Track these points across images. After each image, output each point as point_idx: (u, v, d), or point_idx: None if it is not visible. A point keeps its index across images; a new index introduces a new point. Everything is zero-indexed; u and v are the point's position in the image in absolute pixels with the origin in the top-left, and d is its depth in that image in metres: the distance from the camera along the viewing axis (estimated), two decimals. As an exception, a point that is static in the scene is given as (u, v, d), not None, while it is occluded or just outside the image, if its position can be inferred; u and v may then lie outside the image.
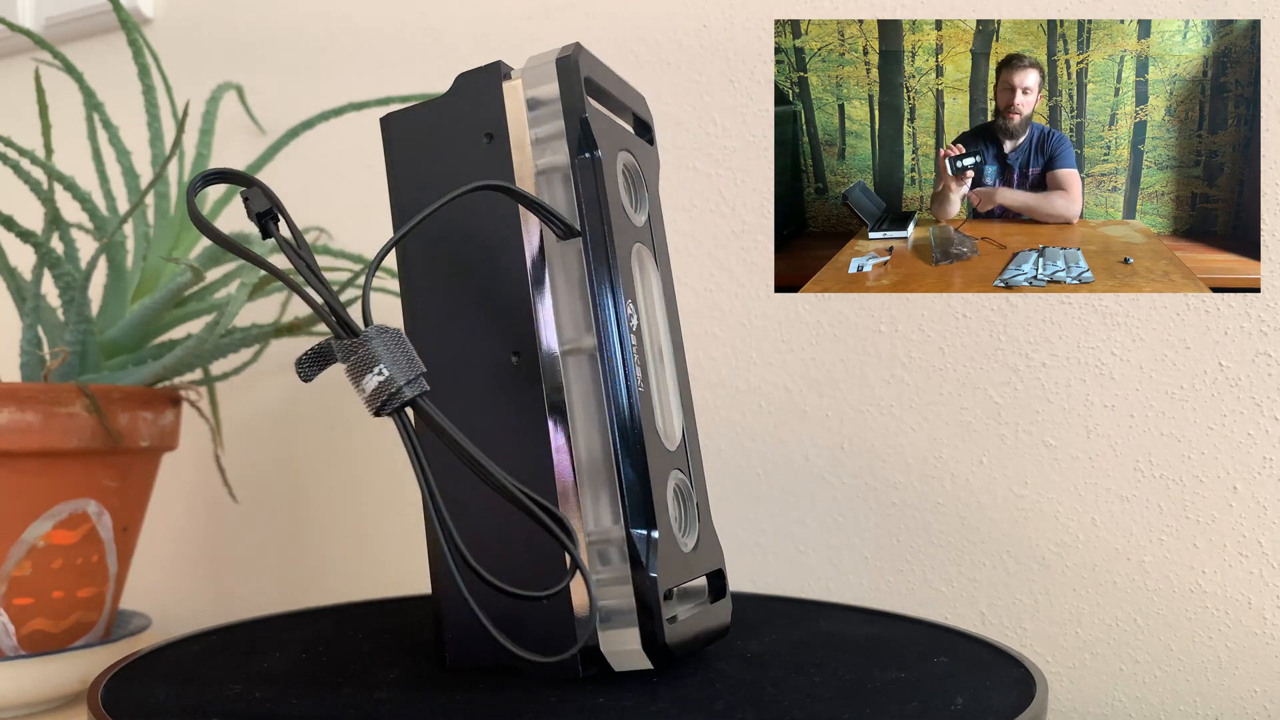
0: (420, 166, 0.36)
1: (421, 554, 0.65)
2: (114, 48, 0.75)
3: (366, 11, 0.68)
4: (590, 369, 0.34)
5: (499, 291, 0.35)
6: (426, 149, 0.36)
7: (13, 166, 0.52)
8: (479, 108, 0.36)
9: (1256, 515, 0.46)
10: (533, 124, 0.35)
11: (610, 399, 0.34)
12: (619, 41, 0.59)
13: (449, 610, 0.36)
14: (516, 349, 0.35)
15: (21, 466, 0.48)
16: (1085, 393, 0.49)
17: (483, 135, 0.36)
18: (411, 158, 0.37)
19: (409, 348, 0.31)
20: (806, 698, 0.32)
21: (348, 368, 0.31)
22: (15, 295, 0.55)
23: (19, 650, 0.50)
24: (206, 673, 0.35)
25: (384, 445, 0.67)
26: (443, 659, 0.36)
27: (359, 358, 0.31)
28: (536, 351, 0.35)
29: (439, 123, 0.36)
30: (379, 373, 0.31)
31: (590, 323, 0.34)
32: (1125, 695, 0.48)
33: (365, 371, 0.31)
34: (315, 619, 0.44)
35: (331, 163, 0.68)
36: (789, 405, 0.55)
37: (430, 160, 0.36)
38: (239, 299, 0.48)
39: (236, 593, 0.72)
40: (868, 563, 0.53)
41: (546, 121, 0.35)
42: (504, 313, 0.35)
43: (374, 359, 0.30)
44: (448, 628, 0.36)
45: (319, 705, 0.32)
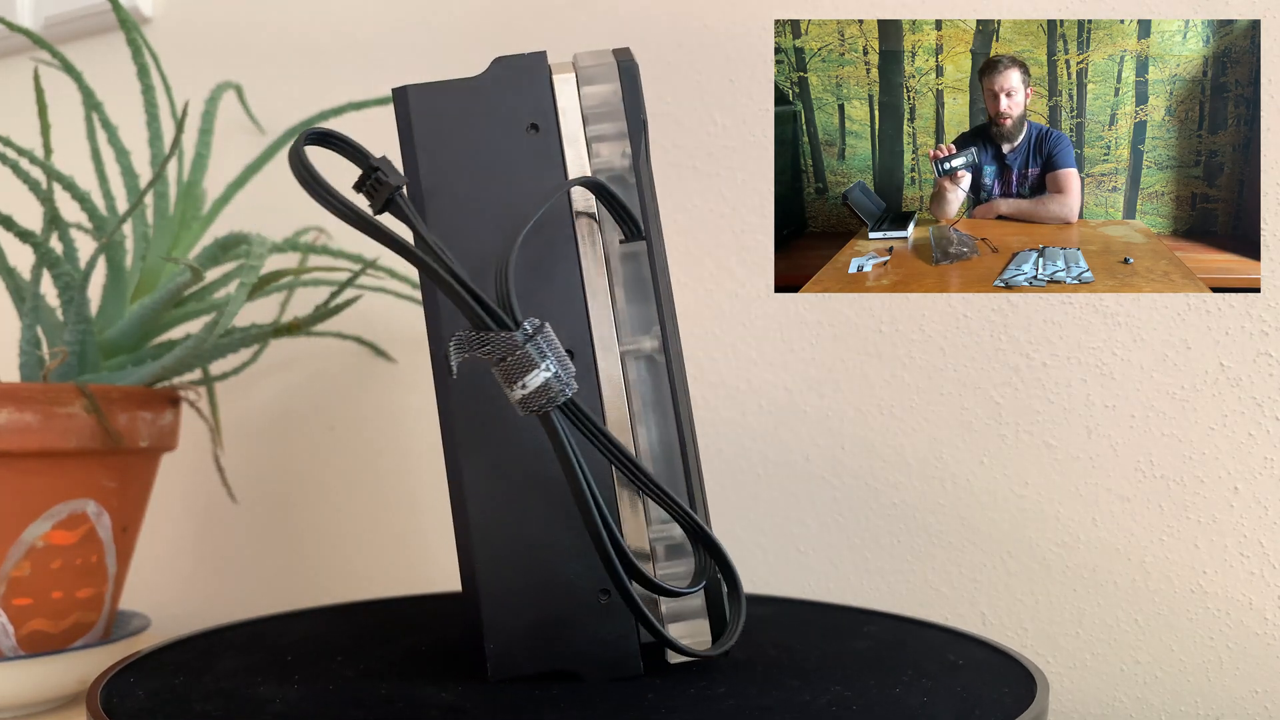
0: (451, 148, 0.35)
1: (422, 554, 0.65)
2: (113, 47, 0.75)
3: (366, 11, 0.67)
4: (650, 370, 0.34)
5: (553, 290, 0.34)
6: (458, 130, 0.35)
7: (12, 166, 0.52)
8: (522, 96, 0.35)
9: (1258, 515, 0.46)
10: (589, 120, 0.35)
11: (675, 400, 0.34)
12: (619, 41, 0.59)
13: (494, 616, 0.33)
14: (570, 348, 0.34)
15: (20, 467, 0.48)
16: (1086, 393, 0.49)
17: (527, 125, 0.35)
18: (439, 137, 0.35)
19: (558, 344, 0.30)
20: (806, 698, 0.32)
21: (503, 364, 0.29)
22: (14, 295, 0.54)
23: (18, 651, 0.50)
24: (206, 673, 0.35)
25: (383, 445, 0.66)
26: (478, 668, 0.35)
27: (523, 354, 0.29)
28: (593, 352, 0.34)
29: (472, 105, 0.35)
30: (546, 369, 0.30)
31: (648, 325, 0.34)
32: (1126, 696, 0.48)
33: (528, 369, 0.29)
34: (315, 618, 0.44)
35: (331, 163, 0.68)
36: (789, 405, 0.55)
37: (462, 142, 0.35)
38: (238, 299, 0.48)
39: (236, 593, 0.72)
40: (868, 563, 0.53)
41: (602, 120, 0.35)
42: (558, 312, 0.34)
43: (539, 355, 0.29)
44: (490, 638, 0.33)
45: (319, 705, 0.32)
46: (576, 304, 0.34)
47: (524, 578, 0.33)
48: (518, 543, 0.33)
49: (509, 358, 0.29)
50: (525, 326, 0.30)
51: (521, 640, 0.33)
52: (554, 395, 0.30)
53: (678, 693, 0.32)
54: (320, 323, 0.55)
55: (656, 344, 0.34)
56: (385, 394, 0.66)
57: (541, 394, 0.29)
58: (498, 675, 0.33)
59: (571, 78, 0.35)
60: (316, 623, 0.43)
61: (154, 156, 0.57)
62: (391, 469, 0.66)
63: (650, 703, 0.31)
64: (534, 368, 0.29)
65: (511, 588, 0.33)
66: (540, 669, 0.34)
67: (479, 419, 0.33)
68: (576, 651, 0.33)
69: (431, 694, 0.33)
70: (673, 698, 0.32)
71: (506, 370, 0.29)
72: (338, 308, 0.54)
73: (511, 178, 0.35)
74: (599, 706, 0.31)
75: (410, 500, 0.65)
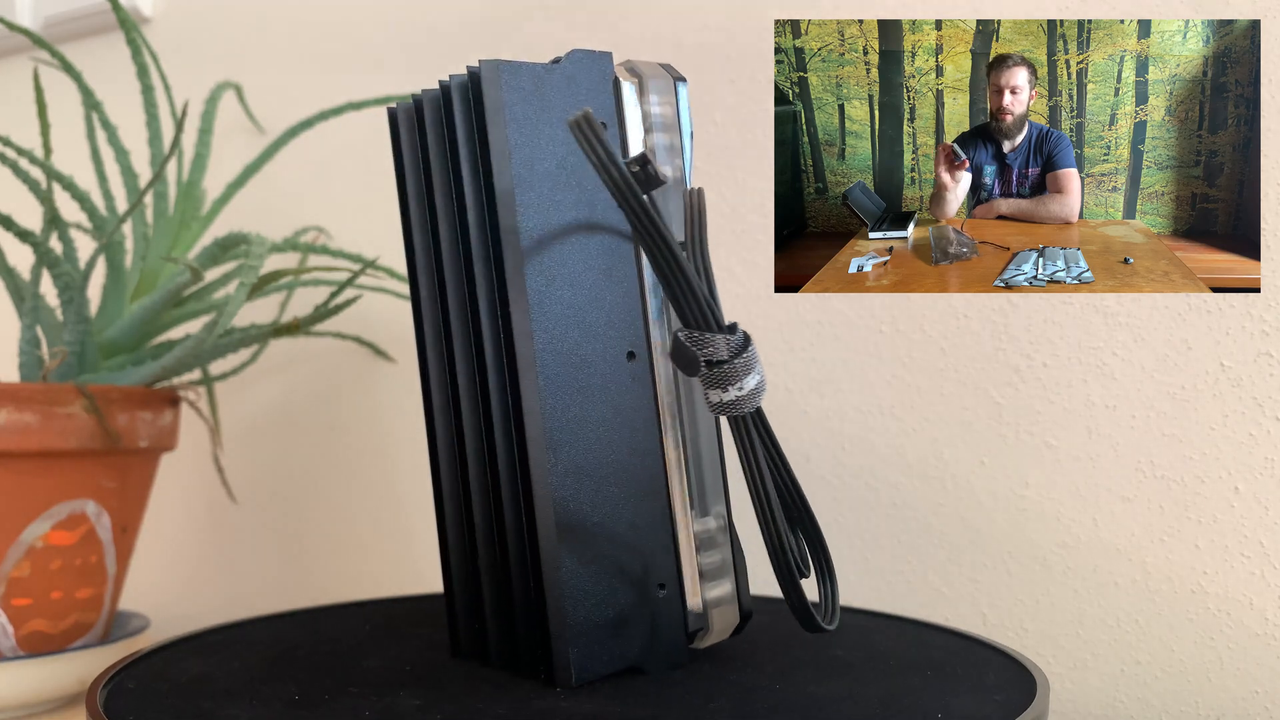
0: (540, 128, 0.34)
1: (422, 554, 0.65)
2: (113, 47, 0.75)
3: (366, 11, 0.67)
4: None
5: (616, 290, 0.35)
6: (545, 113, 0.34)
7: (11, 166, 0.52)
8: (594, 94, 0.35)
9: (1258, 516, 0.46)
10: (649, 131, 0.36)
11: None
12: (619, 42, 0.59)
13: (576, 620, 0.33)
14: (633, 350, 0.35)
15: (20, 467, 0.48)
16: (1086, 393, 0.49)
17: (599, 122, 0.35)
18: (531, 115, 0.34)
19: None
20: (806, 699, 0.32)
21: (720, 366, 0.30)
22: (14, 295, 0.54)
23: (17, 651, 0.50)
24: (205, 673, 0.35)
25: (383, 445, 0.66)
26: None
27: (746, 358, 0.30)
28: (650, 352, 0.35)
29: (556, 93, 0.34)
30: (757, 373, 0.30)
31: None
32: (1127, 696, 0.48)
33: (746, 373, 0.30)
34: (315, 618, 0.44)
35: (331, 162, 0.68)
36: (789, 405, 0.55)
37: (549, 126, 0.34)
38: (238, 299, 0.48)
39: (236, 593, 0.72)
40: (868, 563, 0.53)
41: (658, 132, 0.36)
42: (621, 312, 0.35)
43: (754, 360, 0.30)
44: (573, 642, 0.33)
45: (320, 705, 0.32)
46: (635, 305, 0.35)
47: (601, 579, 0.34)
48: (598, 544, 0.34)
49: (732, 361, 0.30)
50: (743, 331, 0.30)
51: (600, 641, 0.33)
52: (756, 401, 0.31)
53: (672, 693, 0.32)
54: (320, 323, 0.55)
55: None
56: (385, 394, 0.66)
57: (751, 399, 0.30)
58: (581, 680, 0.33)
59: (635, 85, 0.36)
60: (317, 622, 0.43)
61: (154, 156, 0.57)
62: (391, 469, 0.66)
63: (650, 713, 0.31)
64: (750, 372, 0.30)
65: (591, 590, 0.33)
66: (614, 668, 0.34)
67: (571, 421, 0.33)
68: (643, 646, 0.34)
69: (436, 692, 0.33)
70: (669, 698, 0.32)
71: (724, 373, 0.30)
72: (337, 308, 0.54)
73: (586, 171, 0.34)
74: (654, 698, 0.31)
75: (410, 500, 0.65)
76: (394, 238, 0.63)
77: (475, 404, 0.35)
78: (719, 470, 0.37)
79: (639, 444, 0.35)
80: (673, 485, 0.35)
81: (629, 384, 0.35)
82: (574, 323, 0.34)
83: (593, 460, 0.34)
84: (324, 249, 0.61)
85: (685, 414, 0.36)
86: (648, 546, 0.34)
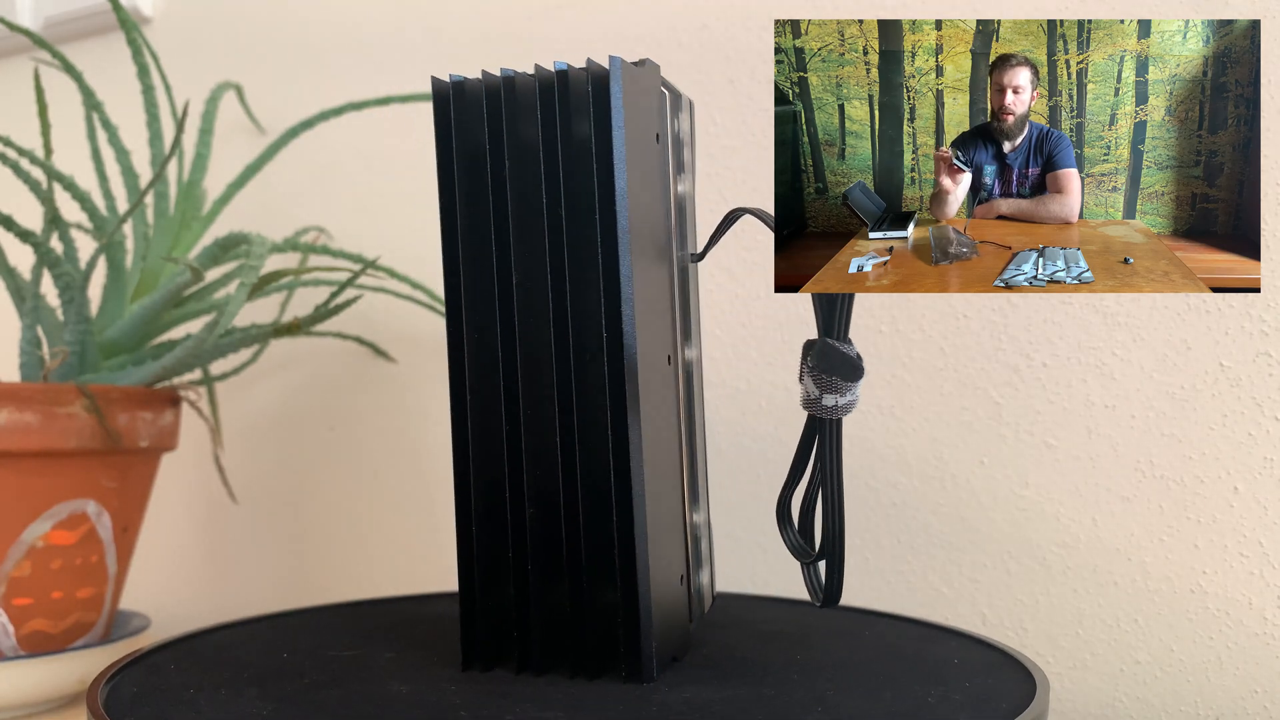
0: (640, 124, 0.34)
1: (422, 553, 0.65)
2: (113, 47, 0.75)
3: (366, 11, 0.67)
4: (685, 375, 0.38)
5: (651, 299, 0.35)
6: (640, 111, 0.34)
7: (12, 166, 0.52)
8: (651, 103, 0.35)
9: (1257, 515, 0.46)
10: (675, 147, 0.37)
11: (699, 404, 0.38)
12: (619, 42, 0.59)
13: (658, 616, 0.33)
14: (669, 353, 0.36)
15: (21, 467, 0.48)
16: (1086, 393, 0.49)
17: (654, 133, 0.35)
18: (633, 110, 0.33)
19: None
20: (805, 698, 0.32)
21: (845, 372, 0.33)
22: (14, 295, 0.54)
23: (18, 650, 0.50)
24: (205, 673, 0.35)
25: (383, 445, 0.66)
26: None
27: (859, 369, 0.33)
28: (680, 359, 0.37)
29: (642, 96, 0.34)
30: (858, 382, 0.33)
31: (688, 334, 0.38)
32: (1126, 695, 0.48)
33: (856, 382, 0.33)
34: (315, 618, 0.44)
35: (331, 162, 0.68)
36: (789, 405, 0.55)
37: (646, 124, 0.34)
38: (238, 299, 0.48)
39: (236, 593, 0.72)
40: (868, 563, 0.53)
41: (683, 149, 0.37)
42: (655, 319, 0.35)
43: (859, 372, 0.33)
44: (657, 638, 0.33)
45: (320, 705, 0.32)
46: (665, 314, 0.36)
47: (659, 573, 0.34)
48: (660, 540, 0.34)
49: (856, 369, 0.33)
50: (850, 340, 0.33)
51: (662, 636, 0.34)
52: (852, 408, 0.34)
53: (672, 695, 0.33)
54: (320, 323, 0.55)
55: (696, 353, 0.38)
56: (385, 394, 0.66)
57: (850, 405, 0.33)
58: (659, 675, 0.34)
59: (667, 101, 0.36)
60: (316, 622, 0.43)
61: (154, 156, 0.57)
62: (391, 469, 0.66)
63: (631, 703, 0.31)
64: (858, 379, 0.33)
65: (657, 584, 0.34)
66: (666, 659, 0.35)
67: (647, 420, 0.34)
68: (677, 636, 0.36)
69: (438, 691, 0.33)
70: (665, 699, 0.32)
71: (841, 374, 0.33)
72: (338, 308, 0.54)
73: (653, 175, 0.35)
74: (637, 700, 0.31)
75: (410, 500, 0.65)
76: (394, 238, 0.64)
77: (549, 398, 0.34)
78: (706, 466, 0.40)
79: (674, 441, 0.36)
80: (684, 480, 0.37)
81: (670, 385, 0.36)
82: (647, 321, 0.34)
83: (656, 456, 0.35)
84: (324, 249, 0.61)
85: (684, 413, 0.37)
86: (678, 540, 0.36)
